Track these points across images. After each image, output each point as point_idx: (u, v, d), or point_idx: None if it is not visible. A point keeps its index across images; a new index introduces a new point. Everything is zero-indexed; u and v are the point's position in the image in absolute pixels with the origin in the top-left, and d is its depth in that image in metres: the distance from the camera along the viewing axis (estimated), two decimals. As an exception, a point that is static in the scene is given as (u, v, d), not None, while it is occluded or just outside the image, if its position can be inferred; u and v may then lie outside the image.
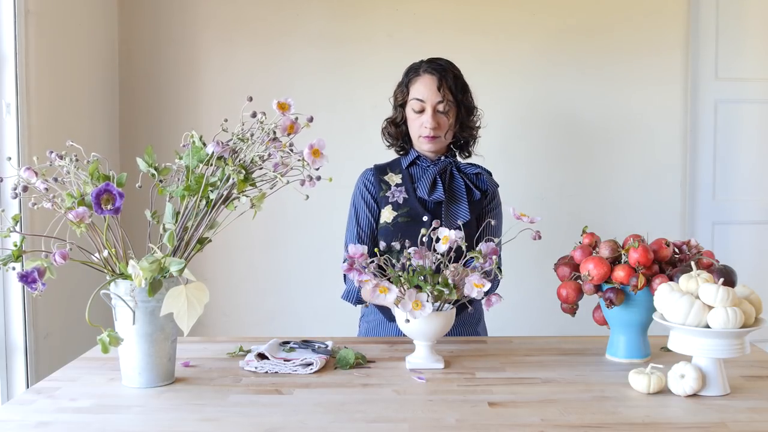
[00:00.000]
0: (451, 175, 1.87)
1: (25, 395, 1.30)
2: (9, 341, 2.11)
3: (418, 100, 1.83)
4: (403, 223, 1.82)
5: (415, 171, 1.90)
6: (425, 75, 1.84)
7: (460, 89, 1.85)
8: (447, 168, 1.87)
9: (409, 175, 1.89)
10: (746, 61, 2.81)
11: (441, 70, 1.83)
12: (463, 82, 1.87)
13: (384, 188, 1.88)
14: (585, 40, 2.82)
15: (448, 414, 1.19)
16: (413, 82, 1.85)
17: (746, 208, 2.87)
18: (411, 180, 1.88)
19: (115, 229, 1.30)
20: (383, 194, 1.87)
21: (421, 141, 1.85)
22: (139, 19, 2.79)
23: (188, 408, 1.23)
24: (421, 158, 1.90)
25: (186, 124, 2.76)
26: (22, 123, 2.08)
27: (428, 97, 1.82)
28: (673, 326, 1.28)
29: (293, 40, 2.80)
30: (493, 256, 1.45)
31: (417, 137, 1.86)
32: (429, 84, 1.82)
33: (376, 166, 1.95)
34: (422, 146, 1.86)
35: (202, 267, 2.76)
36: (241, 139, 1.31)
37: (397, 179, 1.89)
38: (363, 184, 1.92)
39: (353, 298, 1.85)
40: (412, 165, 1.91)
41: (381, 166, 1.94)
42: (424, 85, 1.83)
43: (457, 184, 1.86)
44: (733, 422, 1.15)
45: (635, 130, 2.85)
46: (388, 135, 1.95)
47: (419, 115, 1.83)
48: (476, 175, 1.89)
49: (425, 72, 1.84)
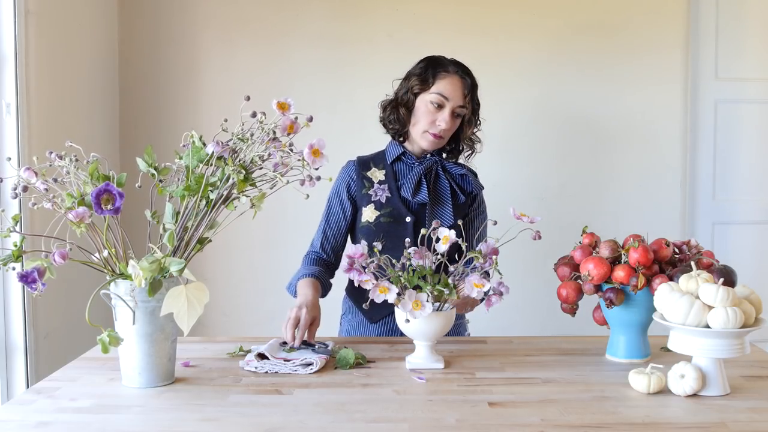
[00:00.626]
0: (437, 175, 1.85)
1: (25, 395, 1.30)
2: (9, 341, 2.11)
3: (441, 96, 1.78)
4: (385, 223, 1.80)
5: (399, 167, 1.86)
6: (455, 76, 1.80)
7: (477, 101, 1.85)
8: (432, 167, 1.84)
9: (393, 172, 1.85)
10: (746, 61, 2.81)
11: (470, 78, 1.82)
12: (478, 98, 1.86)
13: (366, 185, 1.84)
14: (585, 40, 2.82)
15: (448, 414, 1.19)
16: (441, 77, 1.80)
17: (746, 208, 2.87)
18: (395, 177, 1.84)
19: (115, 229, 1.30)
20: (365, 192, 1.83)
21: (425, 136, 1.80)
22: (139, 19, 2.79)
23: (188, 408, 1.23)
24: (406, 155, 1.86)
25: (186, 124, 2.76)
26: (22, 123, 2.08)
27: (453, 97, 1.78)
28: (673, 326, 1.28)
29: (293, 40, 2.80)
30: (493, 256, 1.45)
31: (422, 131, 1.80)
32: (458, 85, 1.79)
33: (360, 159, 1.89)
34: (423, 142, 1.81)
35: (202, 267, 2.76)
36: (241, 139, 1.31)
37: (380, 175, 1.85)
38: (344, 180, 1.86)
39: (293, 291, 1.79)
40: (397, 161, 1.87)
41: (364, 160, 1.89)
42: (453, 84, 1.79)
43: (442, 185, 1.84)
44: (733, 422, 1.15)
45: (635, 130, 2.85)
46: (394, 119, 1.85)
47: (436, 110, 1.78)
48: (462, 176, 1.86)
49: (456, 73, 1.80)
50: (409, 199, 1.80)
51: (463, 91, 1.79)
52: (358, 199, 1.85)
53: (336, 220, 1.87)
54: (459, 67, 1.83)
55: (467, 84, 1.80)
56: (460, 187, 1.85)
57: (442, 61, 1.84)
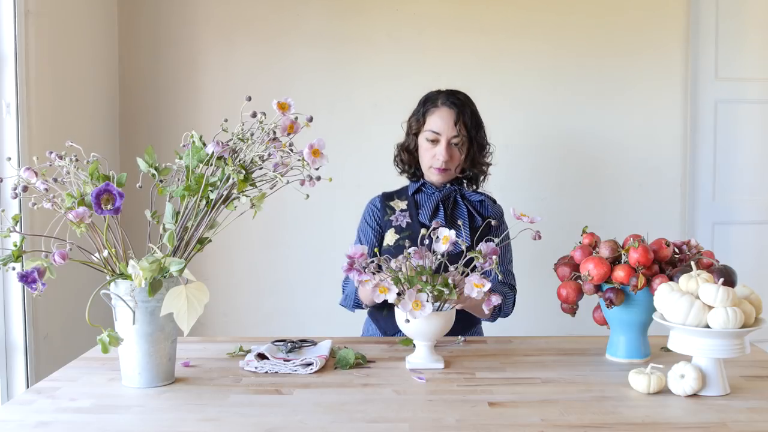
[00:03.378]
0: (455, 202, 1.90)
1: (25, 395, 1.30)
2: (9, 341, 2.11)
3: (433, 132, 1.85)
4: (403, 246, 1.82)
5: (420, 197, 1.93)
6: (443, 108, 1.86)
7: (475, 126, 1.87)
8: (451, 195, 1.90)
9: (414, 201, 1.92)
10: (746, 61, 2.81)
11: (459, 104, 1.85)
12: (478, 119, 1.89)
13: (388, 213, 1.92)
14: (585, 40, 2.81)
15: (448, 414, 1.19)
16: (430, 113, 1.87)
17: (746, 208, 2.86)
18: (416, 206, 1.91)
19: (115, 229, 1.30)
20: (387, 218, 1.91)
21: (431, 171, 1.88)
22: (139, 19, 2.79)
23: (188, 408, 1.23)
24: (426, 185, 1.92)
25: (186, 124, 2.76)
26: (22, 123, 2.08)
27: (444, 131, 1.84)
28: (673, 326, 1.28)
29: (293, 40, 2.80)
30: (493, 256, 1.45)
31: (428, 167, 1.89)
32: (446, 117, 1.84)
33: (384, 193, 1.98)
34: (432, 177, 1.90)
35: (202, 267, 2.76)
36: (241, 139, 1.31)
37: (402, 205, 1.92)
38: (369, 211, 1.97)
39: (350, 303, 1.86)
40: (418, 192, 1.94)
41: (388, 194, 1.98)
42: (441, 118, 1.85)
43: (460, 211, 1.89)
44: (733, 422, 1.15)
45: (635, 129, 2.84)
46: (400, 161, 1.98)
47: (432, 145, 1.86)
48: (480, 203, 1.92)
49: (443, 105, 1.86)
50: (427, 223, 1.84)
51: (452, 121, 1.84)
52: (382, 225, 1.92)
53: (367, 238, 1.93)
54: (447, 97, 1.87)
55: (456, 113, 1.84)
56: (478, 211, 1.91)
57: (432, 96, 1.91)
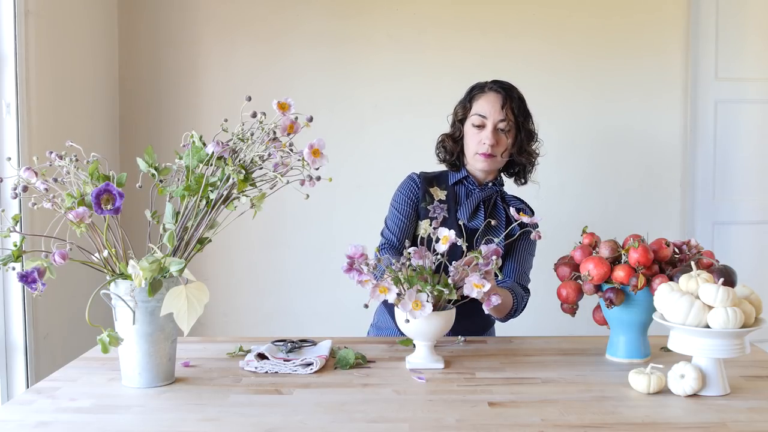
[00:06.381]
0: (495, 203, 1.87)
1: (25, 395, 1.30)
2: (9, 341, 2.11)
3: (479, 116, 1.82)
4: None
5: (460, 190, 1.88)
6: (490, 92, 1.83)
7: (523, 112, 1.85)
8: (492, 196, 1.86)
9: (453, 194, 1.87)
10: (746, 61, 2.81)
11: (507, 89, 1.83)
12: (526, 107, 1.87)
13: (427, 200, 1.85)
14: (585, 40, 2.82)
15: (448, 414, 1.19)
16: (477, 98, 1.85)
17: (746, 208, 2.87)
18: (455, 200, 1.86)
19: (115, 229, 1.30)
20: (425, 205, 1.84)
21: (476, 158, 1.83)
22: (139, 20, 2.79)
23: (188, 408, 1.23)
24: (469, 178, 1.87)
25: (186, 124, 2.76)
26: (22, 123, 2.08)
27: (491, 114, 1.81)
28: (673, 326, 1.28)
29: (293, 40, 2.80)
30: (494, 256, 1.45)
31: (473, 154, 1.83)
32: (493, 101, 1.82)
33: (424, 175, 1.90)
34: (477, 164, 1.84)
35: (202, 267, 2.76)
36: (241, 139, 1.31)
37: (441, 195, 1.86)
38: (408, 187, 1.87)
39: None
40: (459, 183, 1.89)
41: (428, 177, 1.90)
42: (488, 101, 1.82)
43: (499, 215, 1.85)
44: (733, 422, 1.15)
45: (635, 129, 2.85)
46: (443, 149, 1.91)
47: (479, 130, 1.82)
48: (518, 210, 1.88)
49: (490, 90, 1.84)
50: (466, 222, 1.81)
51: (499, 105, 1.81)
52: (420, 209, 1.86)
53: (405, 213, 1.85)
54: (495, 83, 1.85)
55: (502, 97, 1.82)
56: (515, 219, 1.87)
57: (480, 83, 1.88)
